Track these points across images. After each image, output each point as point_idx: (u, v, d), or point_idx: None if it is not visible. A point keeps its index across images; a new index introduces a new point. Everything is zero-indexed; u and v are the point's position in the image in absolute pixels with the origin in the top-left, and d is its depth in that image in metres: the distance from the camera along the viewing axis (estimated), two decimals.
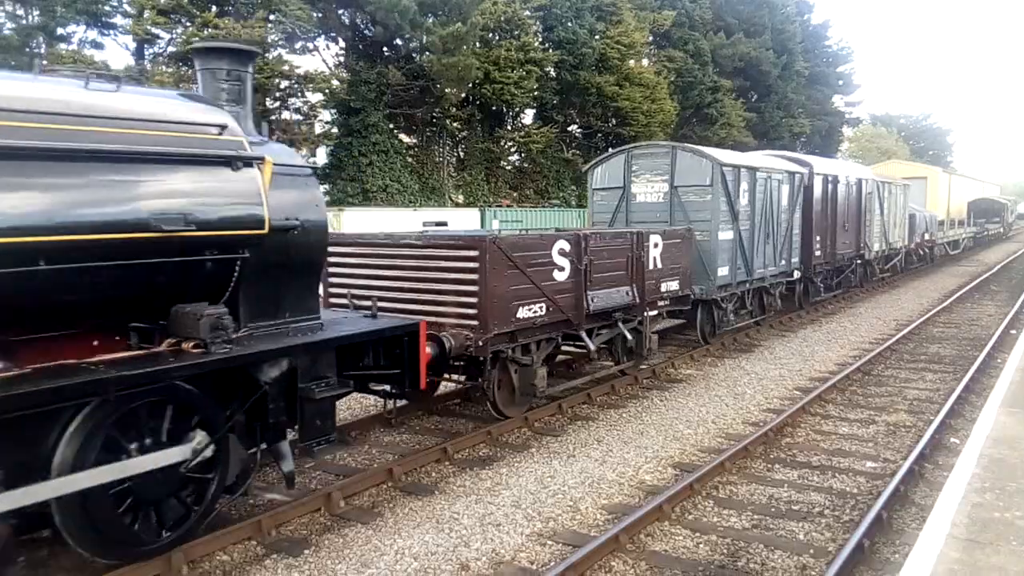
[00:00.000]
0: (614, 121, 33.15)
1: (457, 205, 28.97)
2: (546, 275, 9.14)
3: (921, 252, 30.13)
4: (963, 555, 4.60)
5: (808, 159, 18.65)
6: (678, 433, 9.25)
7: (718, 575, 5.78)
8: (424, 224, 20.96)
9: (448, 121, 30.34)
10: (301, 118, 25.54)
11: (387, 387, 8.14)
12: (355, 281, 9.38)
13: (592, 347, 10.07)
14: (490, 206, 27.24)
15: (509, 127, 33.00)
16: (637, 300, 10.84)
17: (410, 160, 28.12)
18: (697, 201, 13.59)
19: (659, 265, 11.41)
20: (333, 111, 26.42)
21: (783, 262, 16.24)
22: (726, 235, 13.69)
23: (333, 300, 9.44)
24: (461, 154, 31.60)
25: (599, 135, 35.61)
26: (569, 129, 34.31)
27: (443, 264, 8.70)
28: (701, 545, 6.27)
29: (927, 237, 30.15)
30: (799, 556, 6.03)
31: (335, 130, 26.50)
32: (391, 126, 27.04)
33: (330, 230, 7.39)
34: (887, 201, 23.93)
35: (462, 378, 9.66)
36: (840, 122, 57.62)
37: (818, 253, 18.15)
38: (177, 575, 5.70)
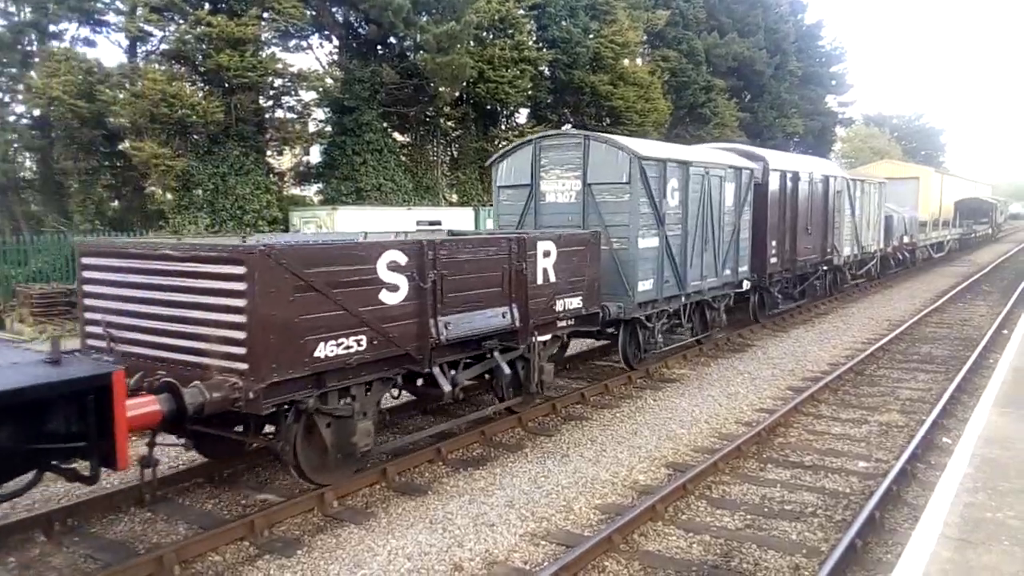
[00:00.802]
0: (608, 120, 33.15)
1: (451, 204, 28.94)
2: (367, 297, 6.82)
3: (900, 256, 27.87)
4: (955, 555, 4.61)
5: (763, 153, 16.37)
6: (671, 433, 9.26)
7: (712, 575, 5.79)
8: (418, 223, 20.95)
9: (442, 120, 30.26)
10: (295, 116, 25.45)
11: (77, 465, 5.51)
12: (112, 306, 7.04)
13: (447, 388, 7.81)
14: (484, 205, 27.23)
15: (503, 126, 32.96)
16: (519, 323, 8.69)
17: (404, 159, 28.05)
18: (613, 202, 11.30)
19: (553, 278, 9.28)
20: (327, 109, 26.31)
21: (728, 272, 13.98)
22: (649, 242, 11.52)
23: (91, 330, 7.21)
24: (455, 153, 31.53)
25: None
26: (563, 129, 34.30)
27: (204, 284, 6.34)
28: (694, 545, 6.29)
29: (906, 240, 27.94)
30: (792, 556, 6.05)
31: (329, 129, 26.41)
32: (385, 125, 26.96)
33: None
34: (860, 201, 21.91)
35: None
36: (833, 122, 57.70)
37: (774, 260, 16.20)
38: (169, 575, 5.68)
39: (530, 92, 30.23)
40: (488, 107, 30.46)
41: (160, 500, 7.10)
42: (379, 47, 27.33)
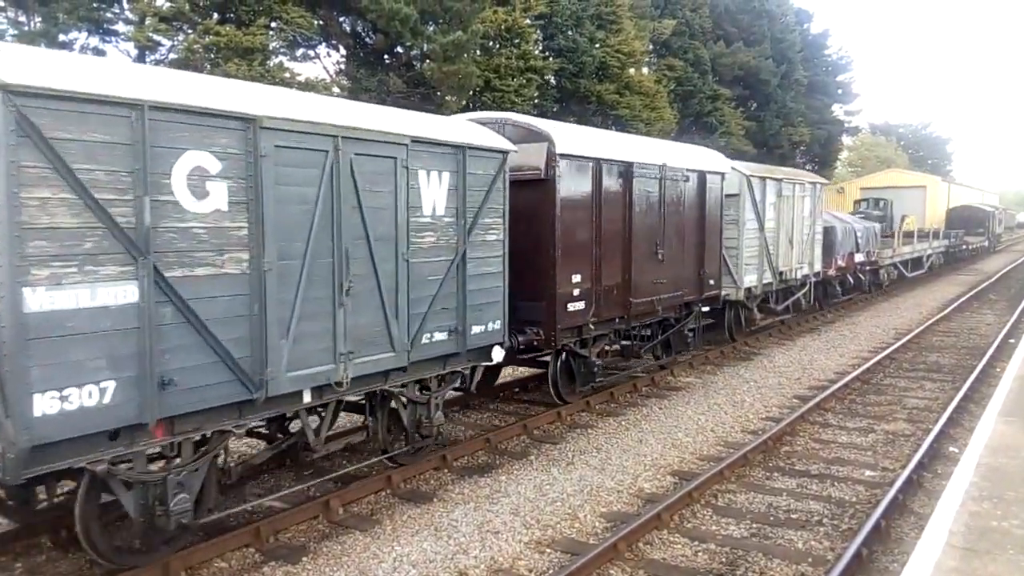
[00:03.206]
0: (614, 129, 33.23)
1: None
2: None
3: (853, 279, 21.91)
4: (960, 564, 4.60)
5: (548, 128, 9.79)
6: (677, 441, 9.25)
7: None
8: None
9: None
10: None
11: None
12: None
13: None
14: None
15: None
16: None
17: None
18: None
19: None
20: None
21: (438, 335, 7.76)
22: (60, 297, 4.87)
23: None
24: None
25: None
26: None
27: None
28: (700, 554, 6.28)
29: (860, 257, 21.92)
30: (797, 565, 6.04)
31: None
32: None
33: None
34: (774, 208, 15.91)
35: None
36: (839, 131, 57.59)
37: (580, 305, 9.90)
38: None
39: (536, 101, 30.34)
40: None
41: None
42: (386, 56, 27.48)
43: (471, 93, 27.65)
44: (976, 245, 40.47)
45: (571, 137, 10.04)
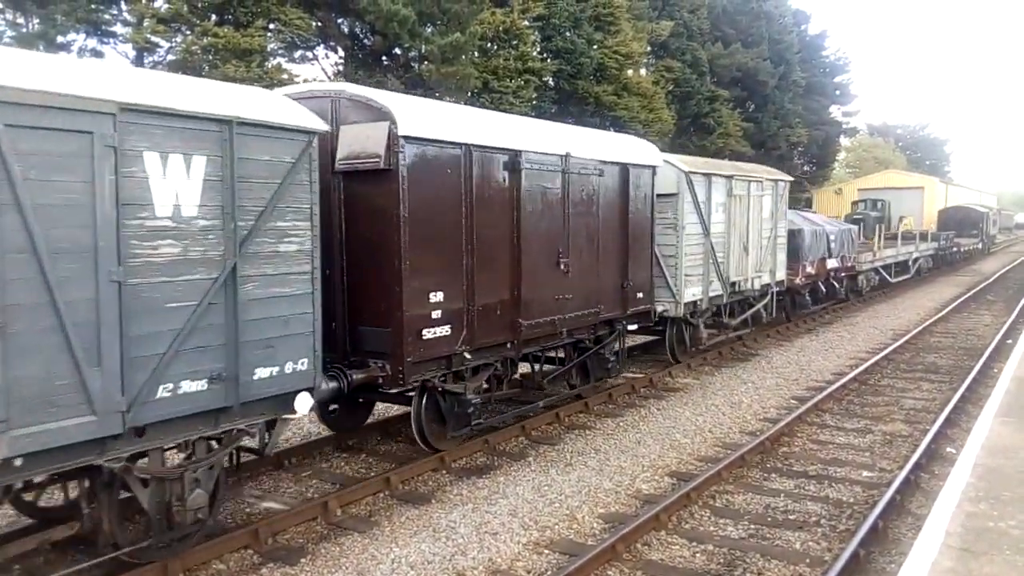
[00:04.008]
0: (612, 130, 33.26)
1: None
2: None
3: (826, 286, 19.86)
4: (957, 564, 4.62)
5: (392, 103, 7.49)
6: (675, 442, 9.27)
7: None
8: None
9: None
10: None
11: None
12: None
13: None
14: None
15: None
16: None
17: None
18: None
19: None
20: None
21: (189, 385, 5.51)
22: None
23: None
24: None
25: None
26: None
27: None
28: (698, 554, 6.29)
29: (834, 263, 19.81)
30: (795, 566, 6.06)
31: None
32: None
33: None
34: (723, 210, 13.79)
35: None
36: (837, 132, 57.61)
37: (442, 331, 7.85)
38: None
39: (534, 102, 30.37)
40: None
41: None
42: (384, 58, 27.50)
43: (469, 94, 27.68)
44: (969, 247, 38.60)
45: (423, 116, 7.76)
